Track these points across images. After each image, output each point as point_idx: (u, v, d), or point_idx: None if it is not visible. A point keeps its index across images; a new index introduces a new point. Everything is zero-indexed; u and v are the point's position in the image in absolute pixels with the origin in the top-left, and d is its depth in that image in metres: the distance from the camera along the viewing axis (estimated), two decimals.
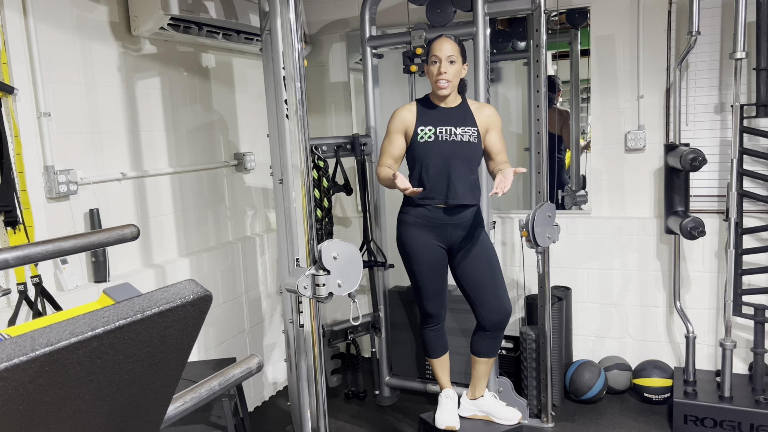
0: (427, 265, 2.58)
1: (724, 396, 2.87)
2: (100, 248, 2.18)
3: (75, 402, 0.76)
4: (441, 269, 2.62)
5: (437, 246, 2.58)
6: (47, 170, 2.35)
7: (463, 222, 2.56)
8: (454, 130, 2.52)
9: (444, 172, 2.49)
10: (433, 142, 2.51)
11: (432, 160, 2.50)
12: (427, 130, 2.53)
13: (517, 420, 2.67)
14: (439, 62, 2.48)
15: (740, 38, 2.75)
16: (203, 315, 0.87)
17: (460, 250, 2.59)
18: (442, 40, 2.50)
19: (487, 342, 2.66)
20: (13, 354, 0.64)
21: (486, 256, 2.60)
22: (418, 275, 2.61)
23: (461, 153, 2.51)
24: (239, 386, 2.56)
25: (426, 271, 2.59)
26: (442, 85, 2.48)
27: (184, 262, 2.96)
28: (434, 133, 2.52)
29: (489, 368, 2.74)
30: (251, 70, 3.54)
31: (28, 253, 1.26)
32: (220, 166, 3.29)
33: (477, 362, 2.71)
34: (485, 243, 2.62)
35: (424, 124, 2.54)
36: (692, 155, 2.77)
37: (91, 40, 2.56)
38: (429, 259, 2.58)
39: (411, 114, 2.57)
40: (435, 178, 2.50)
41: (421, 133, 2.53)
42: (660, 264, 3.29)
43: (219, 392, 1.27)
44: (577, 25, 3.38)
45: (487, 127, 2.58)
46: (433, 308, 2.66)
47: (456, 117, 2.55)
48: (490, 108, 2.64)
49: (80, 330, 0.71)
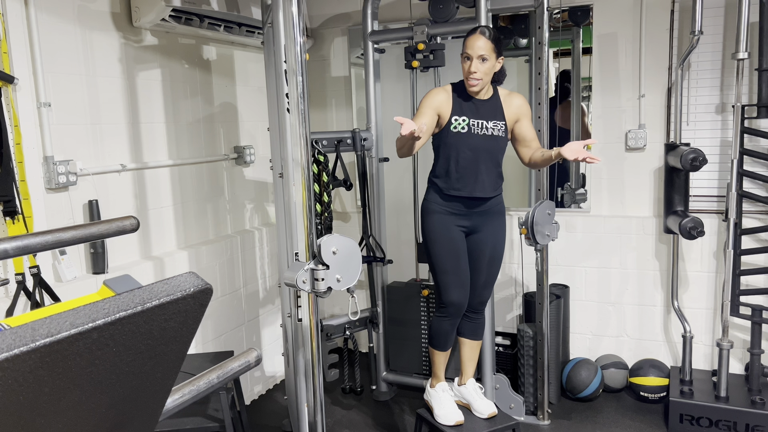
0: (454, 252, 2.57)
1: (721, 396, 2.88)
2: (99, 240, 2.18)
3: (75, 393, 0.76)
4: (465, 256, 2.62)
5: (461, 232, 2.59)
6: (47, 161, 2.34)
7: (487, 209, 2.59)
8: (486, 124, 2.51)
9: (473, 165, 2.50)
10: (465, 134, 2.50)
11: (463, 152, 2.49)
12: (461, 120, 2.51)
13: (487, 414, 2.64)
14: (471, 60, 2.44)
15: (743, 39, 2.74)
16: (203, 308, 0.87)
17: (476, 232, 2.61)
18: (476, 36, 2.45)
19: (467, 323, 2.73)
20: (14, 344, 0.64)
21: (493, 245, 2.63)
22: (446, 261, 2.57)
23: (491, 147, 2.52)
24: (236, 379, 2.56)
25: (453, 257, 2.58)
26: (472, 83, 2.47)
27: (182, 255, 2.96)
28: (468, 124, 2.50)
29: (474, 353, 2.77)
30: (252, 63, 3.53)
31: (27, 244, 1.26)
32: (219, 159, 3.29)
33: (462, 344, 2.77)
34: (499, 233, 2.65)
35: (458, 113, 2.51)
36: (693, 155, 2.77)
37: (92, 31, 2.54)
38: (455, 246, 2.57)
39: (447, 98, 2.53)
40: (464, 170, 2.50)
41: (455, 123, 2.51)
42: (658, 263, 3.29)
43: (217, 385, 1.27)
44: (579, 23, 3.38)
45: (517, 117, 2.58)
46: (457, 297, 2.60)
47: (488, 110, 2.54)
48: (520, 97, 2.61)
49: (81, 321, 0.70)
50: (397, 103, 3.66)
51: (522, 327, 3.13)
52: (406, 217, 3.64)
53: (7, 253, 1.24)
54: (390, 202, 3.49)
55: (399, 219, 3.70)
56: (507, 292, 3.60)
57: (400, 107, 3.64)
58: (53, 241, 1.32)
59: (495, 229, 2.63)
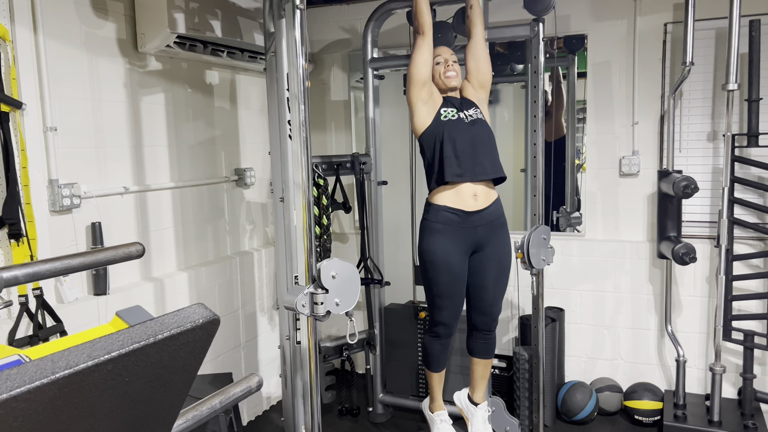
0: (451, 274, 2.57)
1: (713, 420, 2.91)
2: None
3: (87, 420, 0.80)
4: (463, 278, 2.62)
5: (463, 253, 2.58)
6: (51, 183, 2.38)
7: (488, 219, 2.58)
8: (467, 111, 2.61)
9: (470, 149, 2.54)
10: (456, 121, 2.56)
11: (459, 136, 2.54)
12: (450, 110, 2.59)
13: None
14: (443, 62, 2.62)
15: (732, 70, 2.81)
16: (211, 338, 0.91)
17: (481, 250, 2.61)
18: (441, 47, 2.68)
19: (479, 343, 2.73)
20: (35, 377, 0.68)
21: (498, 260, 2.64)
22: (442, 285, 2.58)
23: (479, 130, 2.58)
24: None
25: (450, 280, 2.57)
26: (450, 75, 2.60)
27: (182, 276, 2.99)
28: (456, 113, 2.58)
29: (486, 371, 2.78)
30: (254, 87, 3.60)
31: (37, 270, 1.29)
32: (220, 181, 3.33)
33: (473, 363, 2.77)
34: (504, 246, 2.66)
35: (446, 106, 2.61)
36: (684, 182, 2.83)
37: (98, 57, 2.60)
38: (454, 269, 2.57)
39: (437, 91, 2.64)
40: (463, 154, 2.53)
41: (444, 113, 2.57)
42: (652, 287, 3.34)
43: (220, 410, 1.30)
44: (574, 50, 3.46)
45: (475, 85, 2.70)
46: (449, 318, 2.64)
47: (464, 103, 2.65)
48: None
49: (97, 353, 0.74)
50: (395, 128, 3.72)
51: (518, 350, 3.16)
52: (404, 240, 3.69)
53: (17, 280, 1.28)
54: (388, 224, 3.54)
55: (397, 241, 3.74)
56: (504, 314, 3.61)
57: (399, 132, 3.71)
58: (62, 268, 1.36)
59: (499, 243, 2.63)
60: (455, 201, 2.53)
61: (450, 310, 2.63)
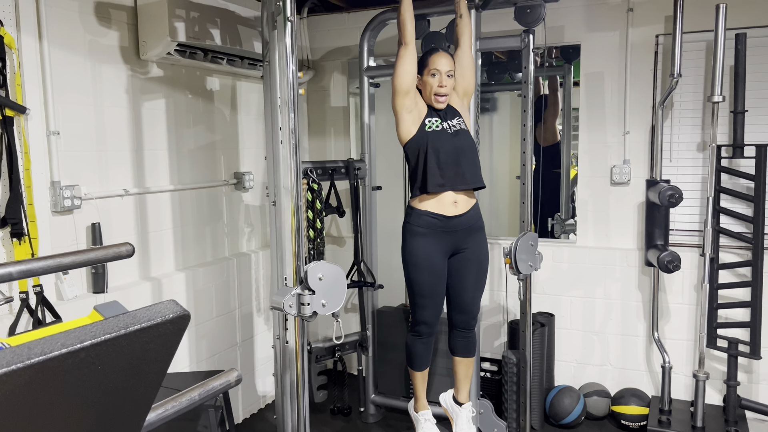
0: (432, 275, 2.65)
1: (697, 426, 2.96)
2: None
3: (64, 406, 0.87)
4: (444, 279, 2.70)
5: (443, 254, 2.66)
6: (53, 185, 2.48)
7: (468, 223, 2.66)
8: (451, 122, 2.65)
9: (454, 159, 2.60)
10: (440, 131, 2.61)
11: (443, 147, 2.59)
12: (435, 120, 2.63)
13: None
14: (440, 75, 2.60)
15: (718, 82, 2.87)
16: (182, 332, 0.99)
17: (460, 252, 2.69)
18: (441, 54, 2.63)
19: (460, 341, 2.80)
20: (12, 361, 0.76)
21: (477, 261, 2.72)
22: (424, 285, 2.66)
23: (462, 141, 2.63)
24: (226, 397, 2.66)
25: (431, 280, 2.66)
26: (440, 100, 2.62)
27: (180, 276, 3.08)
28: (440, 123, 2.63)
29: (468, 370, 2.84)
30: (253, 93, 3.69)
31: (30, 268, 1.38)
32: (219, 184, 3.42)
33: (455, 363, 2.84)
34: (482, 248, 2.73)
35: (430, 116, 2.65)
36: (670, 192, 2.89)
37: (101, 63, 2.70)
38: (435, 270, 2.65)
39: (422, 100, 2.67)
40: (446, 164, 2.58)
41: (429, 123, 2.63)
42: (641, 295, 3.39)
43: (199, 402, 1.38)
44: (571, 59, 3.52)
45: (458, 93, 2.72)
46: (430, 317, 2.72)
47: (448, 113, 2.68)
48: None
49: (70, 342, 0.82)
50: (390, 135, 3.79)
51: (507, 354, 3.22)
52: (397, 244, 3.75)
53: (11, 276, 1.36)
54: (382, 229, 3.61)
55: (390, 245, 3.81)
56: (494, 319, 3.70)
57: (393, 139, 3.77)
58: (54, 266, 1.44)
59: (478, 246, 2.72)
60: (437, 207, 2.61)
61: (431, 310, 2.70)
